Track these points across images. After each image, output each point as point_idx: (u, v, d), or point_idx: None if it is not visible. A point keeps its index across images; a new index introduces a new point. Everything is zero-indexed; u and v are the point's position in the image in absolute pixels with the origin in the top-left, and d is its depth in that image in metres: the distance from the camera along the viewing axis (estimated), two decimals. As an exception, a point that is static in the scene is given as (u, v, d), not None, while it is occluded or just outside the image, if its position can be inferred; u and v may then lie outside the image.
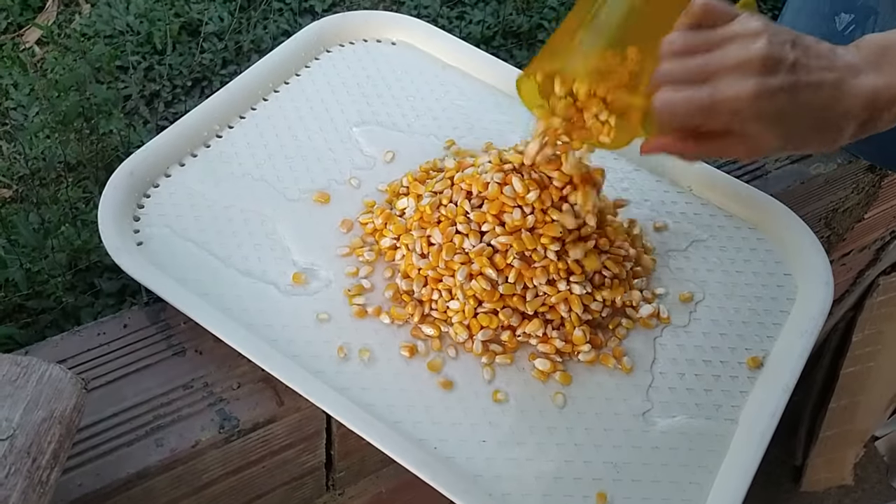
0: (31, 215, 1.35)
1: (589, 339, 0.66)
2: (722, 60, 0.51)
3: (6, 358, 0.52)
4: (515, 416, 0.63)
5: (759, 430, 0.63)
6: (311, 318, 0.65)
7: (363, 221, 0.71)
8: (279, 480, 0.69)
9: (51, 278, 1.24)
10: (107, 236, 0.66)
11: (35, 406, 0.51)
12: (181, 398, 0.62)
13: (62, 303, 1.26)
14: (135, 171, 0.71)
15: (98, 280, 1.30)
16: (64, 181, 1.47)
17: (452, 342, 0.66)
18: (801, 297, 0.72)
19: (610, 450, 0.62)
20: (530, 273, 0.64)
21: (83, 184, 1.47)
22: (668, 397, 0.65)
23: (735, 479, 0.61)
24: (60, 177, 1.49)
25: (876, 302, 1.20)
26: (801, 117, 0.51)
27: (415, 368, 0.64)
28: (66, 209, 1.40)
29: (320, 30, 0.84)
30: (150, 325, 0.66)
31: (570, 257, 0.65)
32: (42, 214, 1.37)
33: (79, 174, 1.49)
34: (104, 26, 1.64)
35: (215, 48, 1.62)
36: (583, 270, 0.65)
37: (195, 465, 0.61)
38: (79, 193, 1.44)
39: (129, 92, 1.57)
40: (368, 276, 0.68)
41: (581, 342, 0.65)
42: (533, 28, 1.63)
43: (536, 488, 0.59)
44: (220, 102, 0.76)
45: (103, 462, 0.58)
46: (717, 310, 0.71)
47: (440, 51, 0.86)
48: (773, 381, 0.66)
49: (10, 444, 0.49)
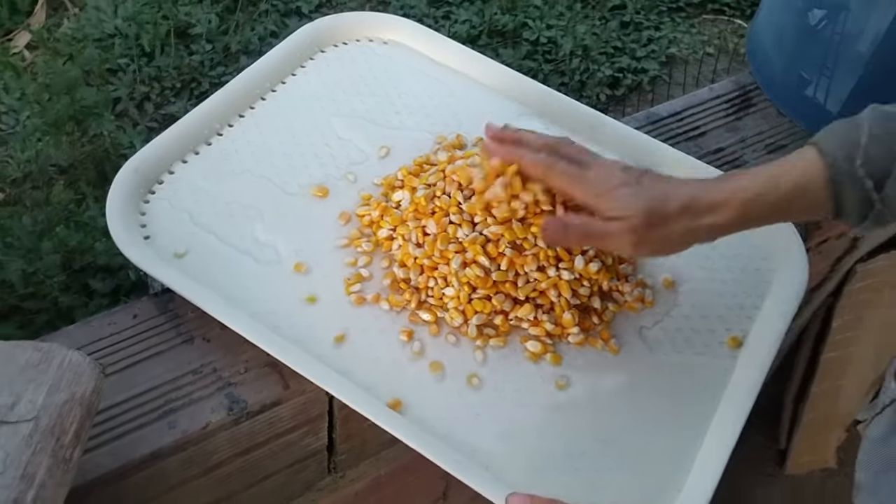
0: (25, 218, 1.37)
1: (578, 321, 0.69)
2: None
3: (28, 344, 0.55)
4: (510, 395, 0.66)
5: (740, 404, 0.66)
6: (312, 306, 0.68)
7: (360, 214, 0.75)
8: (284, 463, 0.72)
9: (46, 279, 1.27)
10: (115, 231, 0.69)
11: (57, 389, 0.54)
12: (191, 383, 0.65)
13: (57, 303, 1.28)
14: (139, 168, 0.73)
15: (92, 281, 1.32)
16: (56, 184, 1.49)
17: (449, 326, 0.69)
18: (778, 279, 0.75)
19: (598, 427, 0.65)
20: (521, 261, 0.68)
21: (75, 186, 1.49)
22: (653, 376, 0.69)
23: (717, 454, 0.64)
24: (52, 179, 1.51)
25: (854, 289, 1.23)
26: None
27: (412, 352, 0.67)
28: (59, 211, 1.42)
29: (315, 31, 0.87)
30: (159, 314, 0.68)
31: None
32: (35, 217, 1.39)
33: (71, 176, 1.51)
34: (93, 30, 1.66)
35: (204, 50, 1.64)
36: (570, 257, 0.68)
37: (206, 447, 0.64)
38: (71, 195, 1.46)
39: (119, 94, 1.59)
40: (367, 266, 0.71)
41: (570, 325, 0.69)
42: (518, 27, 1.67)
43: (529, 461, 0.63)
44: (220, 102, 0.79)
45: (119, 444, 0.61)
46: (698, 293, 0.74)
47: (430, 49, 0.89)
48: (752, 358, 0.70)
49: (35, 424, 0.52)
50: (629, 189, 0.60)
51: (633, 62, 1.68)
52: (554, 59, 1.65)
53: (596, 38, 1.69)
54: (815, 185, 0.58)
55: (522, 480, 0.61)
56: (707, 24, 1.83)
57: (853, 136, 0.57)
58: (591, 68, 1.65)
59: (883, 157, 0.56)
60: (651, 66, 1.68)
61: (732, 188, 0.59)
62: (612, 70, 1.65)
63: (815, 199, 0.58)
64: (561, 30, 1.67)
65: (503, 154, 0.64)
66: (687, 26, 1.81)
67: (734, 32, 1.81)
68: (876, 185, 0.56)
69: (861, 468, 0.55)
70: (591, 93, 1.63)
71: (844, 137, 0.57)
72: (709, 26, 1.83)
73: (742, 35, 1.78)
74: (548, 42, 1.67)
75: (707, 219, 0.59)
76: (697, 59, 1.73)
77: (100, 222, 1.33)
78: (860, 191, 0.57)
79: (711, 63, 1.71)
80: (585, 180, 0.61)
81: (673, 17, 1.81)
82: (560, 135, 0.83)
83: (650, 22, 1.78)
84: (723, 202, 0.59)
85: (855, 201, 0.57)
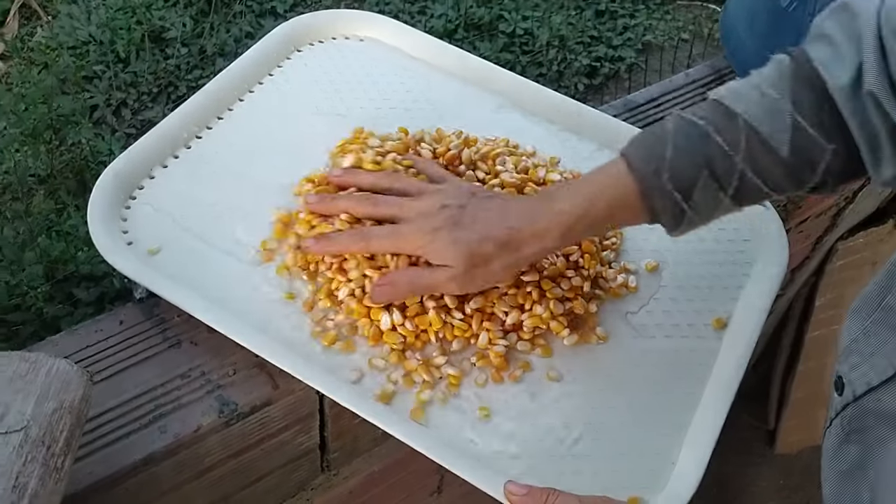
0: (6, 230, 1.36)
1: (567, 325, 0.69)
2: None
3: (15, 355, 0.55)
4: (502, 386, 0.66)
5: (727, 383, 0.67)
6: (296, 305, 0.68)
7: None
8: (277, 463, 0.72)
9: (30, 290, 1.26)
10: (97, 237, 0.68)
11: (45, 398, 0.53)
12: (180, 387, 0.65)
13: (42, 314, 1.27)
14: (119, 173, 0.73)
15: (76, 290, 1.31)
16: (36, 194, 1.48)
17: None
18: (760, 259, 0.76)
19: (590, 414, 0.66)
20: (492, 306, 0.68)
21: (55, 195, 1.48)
22: (642, 361, 0.69)
23: (705, 432, 0.65)
24: (32, 190, 1.50)
25: (836, 266, 1.25)
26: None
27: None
28: (41, 221, 1.42)
29: (291, 30, 0.87)
30: (145, 320, 0.68)
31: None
32: (17, 228, 1.38)
33: (50, 186, 1.50)
34: (67, 37, 1.65)
35: (179, 54, 1.63)
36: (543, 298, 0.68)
37: (198, 450, 0.64)
38: (51, 205, 1.46)
39: (96, 102, 1.58)
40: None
41: (560, 330, 0.69)
42: (493, 19, 1.67)
43: (522, 451, 0.63)
44: (198, 105, 0.79)
45: (111, 450, 0.61)
46: (682, 276, 0.75)
47: (407, 45, 0.89)
48: (736, 338, 0.70)
49: (25, 434, 0.51)
50: (447, 235, 0.62)
51: (609, 51, 1.69)
52: (531, 51, 1.65)
53: (572, 27, 1.69)
54: (629, 200, 0.60)
55: (516, 471, 0.62)
56: (681, 10, 1.84)
57: (658, 149, 0.59)
58: (568, 58, 1.65)
59: (687, 167, 0.58)
60: (627, 54, 1.69)
61: (553, 213, 0.61)
62: (590, 59, 1.66)
63: (632, 210, 0.61)
64: (537, 21, 1.67)
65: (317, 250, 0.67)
66: (662, 13, 1.81)
67: (709, 17, 1.82)
68: (684, 195, 0.59)
69: (824, 482, 0.56)
70: (569, 83, 1.63)
71: (651, 151, 0.60)
72: (683, 12, 1.84)
73: (717, 20, 1.79)
74: (524, 34, 1.67)
75: (529, 249, 0.62)
76: (673, 46, 1.73)
77: (82, 231, 1.32)
78: (670, 201, 0.59)
79: (687, 49, 1.72)
80: (401, 237, 0.64)
81: (647, 5, 1.82)
82: (538, 125, 0.84)
83: (625, 10, 1.79)
84: (543, 231, 0.61)
85: (667, 210, 0.60)
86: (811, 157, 0.58)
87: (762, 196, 0.60)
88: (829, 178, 0.59)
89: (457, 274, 0.62)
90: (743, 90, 0.59)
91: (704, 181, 0.58)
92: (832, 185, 0.60)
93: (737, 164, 0.58)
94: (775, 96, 0.57)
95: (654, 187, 0.59)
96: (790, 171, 0.58)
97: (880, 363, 0.51)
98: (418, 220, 0.63)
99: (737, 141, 0.58)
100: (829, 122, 0.56)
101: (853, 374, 0.53)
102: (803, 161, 0.58)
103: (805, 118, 0.57)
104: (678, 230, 0.62)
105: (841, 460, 0.54)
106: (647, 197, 0.60)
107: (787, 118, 0.57)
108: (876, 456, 0.50)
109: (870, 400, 0.52)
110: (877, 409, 0.51)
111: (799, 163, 0.58)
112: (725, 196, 0.59)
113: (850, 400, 0.53)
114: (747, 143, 0.58)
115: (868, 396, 0.52)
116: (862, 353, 0.53)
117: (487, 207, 0.63)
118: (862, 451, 0.52)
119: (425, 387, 0.65)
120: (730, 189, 0.59)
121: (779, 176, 0.59)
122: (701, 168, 0.58)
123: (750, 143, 0.58)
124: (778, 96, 0.57)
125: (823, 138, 0.57)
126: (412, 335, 0.66)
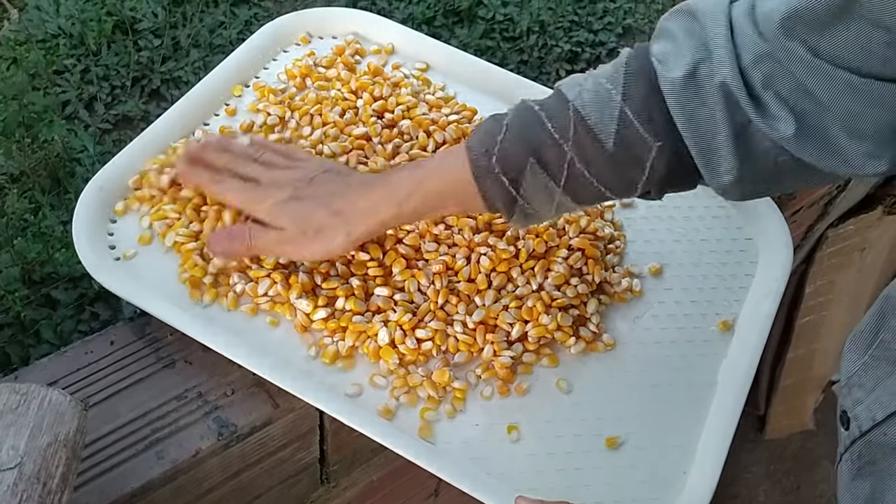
0: (-21, 231, 1.32)
1: (574, 333, 0.67)
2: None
3: (4, 387, 0.52)
4: (507, 398, 0.65)
5: (736, 389, 0.66)
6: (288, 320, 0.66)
7: None
8: (276, 479, 0.70)
9: (7, 294, 1.22)
10: (83, 254, 0.66)
11: (39, 432, 0.51)
12: (176, 409, 0.62)
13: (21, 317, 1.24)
14: (104, 185, 0.70)
15: (54, 291, 1.28)
16: (10, 193, 1.44)
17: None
18: (763, 259, 0.75)
19: (599, 423, 0.64)
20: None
21: (29, 195, 1.44)
22: (648, 366, 0.68)
23: (717, 441, 0.64)
24: (5, 189, 1.45)
25: (826, 254, 1.25)
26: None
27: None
28: (16, 222, 1.38)
29: (276, 30, 0.84)
30: (137, 339, 0.66)
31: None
32: (-10, 230, 1.34)
33: (24, 185, 1.46)
34: (36, 31, 1.60)
35: (152, 45, 1.59)
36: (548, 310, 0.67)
37: (196, 474, 0.62)
38: (25, 205, 1.41)
39: (68, 97, 1.54)
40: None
41: (566, 339, 0.67)
42: (473, 5, 1.64)
43: (530, 463, 0.62)
44: (183, 111, 0.76)
45: (107, 479, 0.58)
46: (686, 279, 0.73)
47: (395, 41, 0.87)
48: (743, 342, 0.69)
49: (20, 471, 0.49)
50: (284, 199, 0.62)
51: (590, 35, 1.67)
52: (512, 37, 1.63)
53: (552, 12, 1.67)
54: (462, 181, 0.59)
55: (524, 484, 0.60)
56: (662, -8, 1.82)
57: (494, 130, 0.58)
58: (549, 44, 1.63)
59: (517, 152, 0.57)
60: (608, 39, 1.67)
61: (388, 188, 0.61)
62: (571, 45, 1.64)
63: (467, 193, 0.59)
64: (517, 6, 1.65)
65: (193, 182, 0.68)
66: (642, -5, 1.79)
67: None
68: (512, 181, 0.57)
69: None
70: (550, 69, 1.61)
71: (487, 132, 0.58)
72: (663, -6, 1.82)
73: (697, 2, 1.78)
74: (504, 19, 1.65)
75: (362, 221, 0.61)
76: (654, 29, 1.72)
77: (58, 231, 1.28)
78: (501, 187, 0.58)
79: (668, 32, 1.71)
80: (247, 191, 0.64)
81: (627, -13, 1.80)
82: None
83: (605, -8, 1.76)
84: (377, 204, 0.61)
85: (498, 196, 0.58)
86: (637, 152, 0.55)
87: (595, 192, 0.58)
88: (654, 177, 0.56)
89: (287, 237, 0.62)
90: (581, 79, 0.57)
91: (532, 167, 0.57)
92: (658, 189, 0.58)
93: (566, 154, 0.56)
94: (608, 87, 0.55)
95: (484, 169, 0.57)
96: (616, 164, 0.56)
97: (883, 397, 0.50)
98: (270, 186, 0.64)
99: (566, 129, 0.56)
100: (658, 119, 0.54)
101: (857, 410, 0.52)
102: (629, 156, 0.55)
103: (633, 112, 0.55)
104: (515, 220, 0.60)
105: (855, 496, 0.53)
106: (477, 179, 0.58)
107: (615, 110, 0.55)
108: (888, 488, 0.49)
109: (877, 434, 0.51)
110: (885, 443, 0.50)
111: (625, 157, 0.55)
112: (557, 187, 0.57)
113: (857, 436, 0.52)
114: (575, 131, 0.55)
115: (874, 431, 0.51)
116: (864, 387, 0.52)
117: (332, 180, 0.64)
118: (874, 484, 0.51)
119: (431, 403, 0.63)
120: (560, 179, 0.57)
121: (606, 170, 0.56)
122: (528, 153, 0.56)
123: (578, 132, 0.55)
124: (610, 87, 0.55)
125: (650, 134, 0.54)
126: (414, 353, 0.64)
